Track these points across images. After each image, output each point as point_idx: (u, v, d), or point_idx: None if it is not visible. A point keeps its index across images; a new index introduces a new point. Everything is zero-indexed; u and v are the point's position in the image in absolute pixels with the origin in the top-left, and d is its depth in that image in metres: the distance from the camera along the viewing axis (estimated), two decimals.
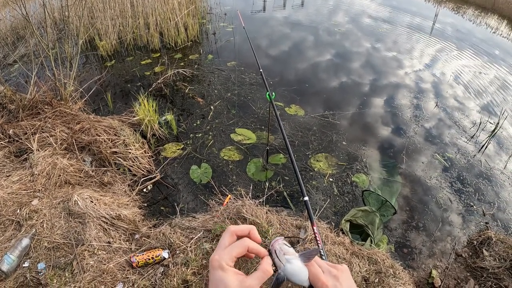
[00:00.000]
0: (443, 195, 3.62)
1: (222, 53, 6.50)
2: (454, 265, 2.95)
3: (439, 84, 5.78)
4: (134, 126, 4.25)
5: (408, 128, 4.60)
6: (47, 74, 4.18)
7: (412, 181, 3.79)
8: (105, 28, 6.27)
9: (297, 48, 6.95)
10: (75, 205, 2.88)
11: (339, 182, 3.70)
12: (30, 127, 3.72)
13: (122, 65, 6.15)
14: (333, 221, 3.21)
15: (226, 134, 4.36)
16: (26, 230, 2.77)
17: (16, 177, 3.22)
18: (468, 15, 10.16)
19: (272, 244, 0.65)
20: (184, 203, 3.44)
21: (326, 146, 4.18)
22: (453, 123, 4.76)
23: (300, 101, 5.02)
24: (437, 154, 4.16)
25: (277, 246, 0.65)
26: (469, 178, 3.85)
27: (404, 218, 3.38)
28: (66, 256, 2.63)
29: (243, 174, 3.78)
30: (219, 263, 0.60)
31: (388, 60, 6.54)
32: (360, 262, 2.63)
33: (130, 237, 2.91)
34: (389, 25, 8.41)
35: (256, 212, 2.84)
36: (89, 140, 3.72)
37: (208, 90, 5.27)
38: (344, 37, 7.50)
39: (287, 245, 0.66)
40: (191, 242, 2.68)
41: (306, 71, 6.03)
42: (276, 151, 4.08)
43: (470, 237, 3.20)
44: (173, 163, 3.94)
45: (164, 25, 6.50)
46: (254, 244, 0.65)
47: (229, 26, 7.83)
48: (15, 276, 2.52)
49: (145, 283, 2.42)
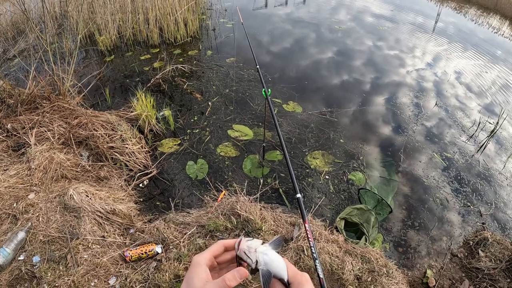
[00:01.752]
0: (440, 195, 3.62)
1: (222, 49, 6.49)
2: (449, 265, 2.95)
3: (440, 83, 5.76)
4: (132, 121, 4.26)
5: (407, 126, 4.59)
6: (46, 69, 4.19)
7: (410, 180, 3.80)
8: (105, 23, 6.27)
9: (298, 45, 6.93)
10: (71, 199, 2.90)
11: (335, 180, 3.71)
12: (28, 121, 3.74)
13: (121, 60, 6.16)
14: (328, 219, 3.22)
15: (223, 130, 4.37)
16: (22, 223, 2.81)
17: (13, 171, 3.25)
18: (470, 15, 10.09)
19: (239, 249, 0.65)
20: (179, 198, 3.46)
21: (323, 143, 4.18)
22: (452, 122, 4.75)
23: (299, 98, 5.02)
24: (435, 153, 4.16)
25: (243, 246, 0.64)
26: (467, 178, 3.85)
27: (400, 217, 3.38)
28: (60, 249, 2.65)
29: (239, 170, 3.79)
30: (196, 260, 0.64)
31: (390, 59, 6.52)
32: (353, 260, 2.65)
33: (124, 231, 2.93)
34: (391, 24, 8.36)
35: (250, 208, 2.86)
36: (86, 135, 3.74)
37: (206, 86, 5.28)
38: (345, 35, 7.47)
39: (250, 239, 0.66)
40: (184, 237, 2.70)
41: (306, 68, 6.02)
42: (273, 147, 4.09)
43: (466, 237, 3.20)
44: (170, 159, 3.96)
45: (163, 21, 6.49)
46: (228, 241, 0.69)
47: (229, 22, 7.81)
48: (11, 269, 2.55)
49: (138, 277, 2.45)
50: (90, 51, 6.42)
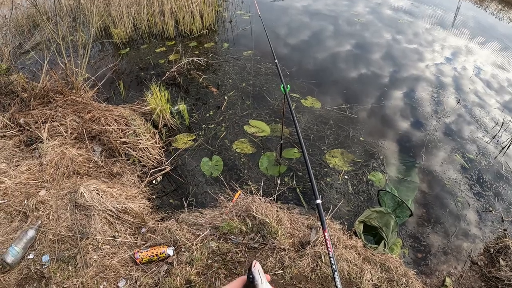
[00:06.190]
0: (461, 198, 3.40)
1: (238, 42, 6.32)
2: (468, 274, 2.77)
3: (460, 78, 5.46)
4: (146, 116, 4.16)
5: (428, 124, 4.35)
6: (59, 63, 4.12)
7: (430, 181, 3.58)
8: (120, 15, 6.19)
9: (316, 38, 6.70)
10: (81, 197, 2.82)
11: (354, 180, 3.53)
12: (41, 116, 3.68)
13: (136, 53, 6.07)
14: (346, 222, 3.06)
15: (239, 125, 4.22)
16: (32, 221, 2.74)
17: (25, 166, 3.19)
18: (490, 9, 9.62)
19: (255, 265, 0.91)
20: (193, 196, 3.35)
21: (342, 141, 3.99)
22: (474, 121, 4.47)
23: (317, 93, 4.83)
24: (457, 154, 3.92)
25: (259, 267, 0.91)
26: (489, 181, 3.60)
27: (420, 220, 3.19)
28: (70, 249, 2.58)
29: (255, 168, 3.65)
30: None
31: (409, 52, 6.23)
32: (372, 268, 2.49)
33: (136, 231, 2.83)
34: (410, 17, 8.02)
35: (266, 210, 2.71)
36: (99, 130, 3.66)
37: (222, 80, 5.14)
38: (364, 28, 7.18)
39: None
40: (197, 240, 2.58)
41: (325, 61, 5.80)
42: (291, 145, 3.93)
43: (487, 245, 2.99)
44: (184, 155, 3.85)
45: (179, 13, 6.37)
46: None
47: (246, 14, 7.63)
48: (20, 268, 2.49)
49: (148, 281, 2.34)
50: (106, 44, 6.35)
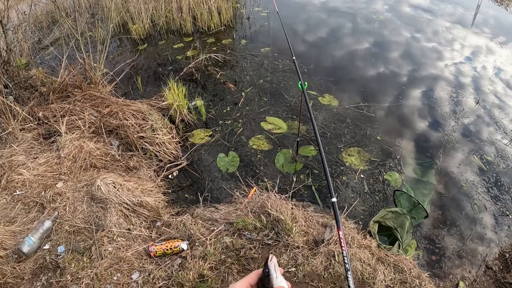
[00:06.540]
0: (478, 201, 3.26)
1: (256, 39, 6.28)
2: (482, 278, 2.67)
3: (479, 78, 5.24)
4: (163, 111, 4.17)
5: (446, 124, 4.19)
6: (78, 58, 4.17)
7: (447, 183, 3.46)
8: (138, 11, 6.23)
9: (334, 35, 6.59)
10: (98, 190, 2.83)
11: (370, 180, 3.44)
12: (60, 109, 3.72)
13: (154, 48, 6.10)
14: (361, 221, 2.98)
15: (256, 122, 4.18)
16: (49, 212, 2.77)
17: (43, 159, 3.23)
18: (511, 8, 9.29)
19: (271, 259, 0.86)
20: (208, 192, 3.33)
21: (359, 140, 3.90)
22: (493, 122, 4.28)
23: (335, 91, 4.73)
24: (475, 155, 3.76)
25: (275, 262, 0.86)
26: (507, 185, 3.45)
27: (435, 222, 3.08)
28: (85, 240, 2.59)
29: (271, 164, 3.61)
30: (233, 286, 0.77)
31: (427, 51, 6.03)
32: (386, 269, 2.41)
33: (151, 224, 2.83)
34: (430, 15, 7.80)
35: (281, 207, 2.66)
36: (117, 124, 3.68)
37: (240, 76, 5.10)
38: (382, 25, 7.01)
39: None
40: (211, 235, 2.55)
41: (342, 59, 5.69)
42: (307, 142, 3.86)
43: (502, 249, 2.87)
44: (201, 150, 3.83)
45: (197, 9, 6.36)
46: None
47: (264, 10, 7.56)
48: (35, 258, 2.52)
49: (161, 274, 2.33)
50: (124, 40, 6.41)
